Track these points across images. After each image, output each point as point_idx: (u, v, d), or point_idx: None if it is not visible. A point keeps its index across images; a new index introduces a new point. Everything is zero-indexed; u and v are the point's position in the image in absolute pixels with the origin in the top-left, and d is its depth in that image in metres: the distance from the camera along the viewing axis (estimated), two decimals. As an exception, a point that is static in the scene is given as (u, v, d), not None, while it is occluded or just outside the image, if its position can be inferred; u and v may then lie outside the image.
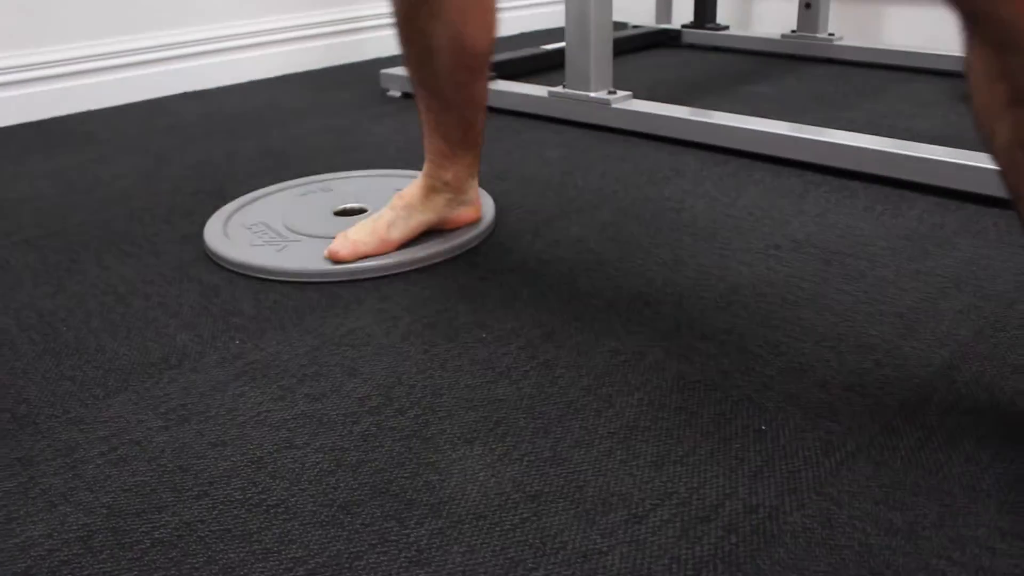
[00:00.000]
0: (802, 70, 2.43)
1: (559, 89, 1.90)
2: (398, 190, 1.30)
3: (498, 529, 0.70)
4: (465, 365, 0.94)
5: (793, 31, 2.63)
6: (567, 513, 0.72)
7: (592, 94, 1.85)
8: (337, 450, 0.81)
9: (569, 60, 1.88)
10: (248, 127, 1.95)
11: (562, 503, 0.73)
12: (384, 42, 2.67)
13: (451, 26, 1.06)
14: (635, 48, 2.74)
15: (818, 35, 2.59)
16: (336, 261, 1.17)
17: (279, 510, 0.73)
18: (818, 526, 0.71)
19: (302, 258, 1.20)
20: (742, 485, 0.75)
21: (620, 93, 1.86)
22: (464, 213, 1.28)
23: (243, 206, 1.40)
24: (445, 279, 1.19)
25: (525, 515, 0.72)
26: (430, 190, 1.22)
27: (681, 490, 0.75)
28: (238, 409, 0.88)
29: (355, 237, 1.18)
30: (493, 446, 0.81)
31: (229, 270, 1.21)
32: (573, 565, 0.67)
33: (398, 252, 1.21)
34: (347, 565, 0.67)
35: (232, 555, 0.68)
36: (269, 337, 1.00)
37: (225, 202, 1.45)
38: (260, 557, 0.68)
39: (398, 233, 1.21)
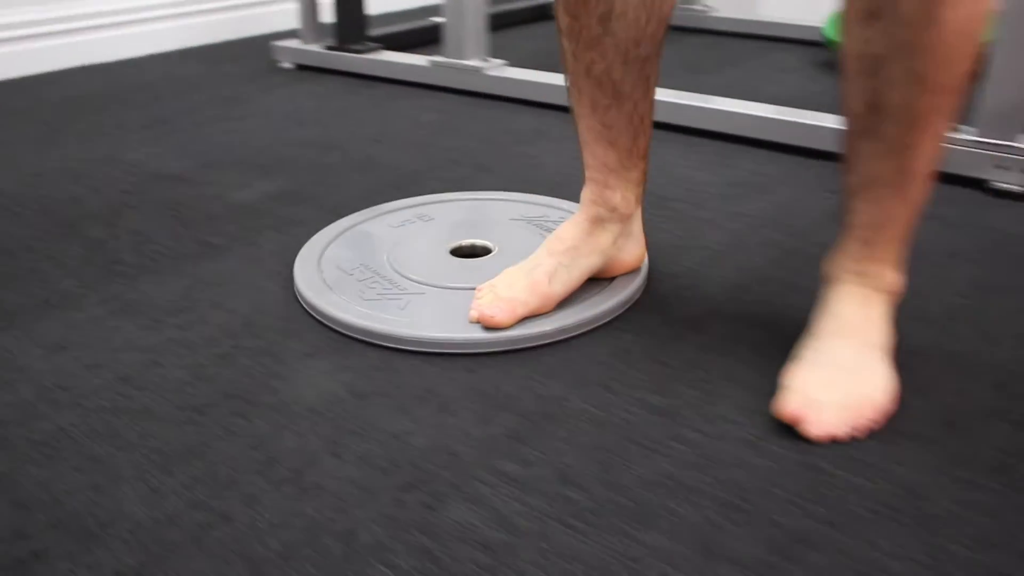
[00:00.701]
0: (679, 40, 2.60)
1: (439, 58, 2.02)
2: (519, 219, 1.23)
3: (327, 420, 0.84)
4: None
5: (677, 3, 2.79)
6: (386, 406, 0.86)
7: (468, 62, 1.98)
8: (197, 367, 0.94)
9: (447, 31, 2.00)
10: (140, 98, 2.04)
11: (383, 400, 0.87)
12: (277, 16, 2.76)
13: None
14: (523, 20, 2.87)
15: (695, 6, 2.76)
16: (490, 327, 0.96)
17: (142, 414, 0.86)
18: (594, 409, 0.86)
19: (435, 319, 0.99)
20: (538, 382, 0.90)
21: (494, 61, 1.99)
22: (630, 253, 1.06)
23: (334, 238, 1.20)
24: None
25: (351, 409, 0.86)
26: (595, 223, 1.01)
27: (487, 387, 0.89)
28: (112, 339, 1.00)
29: (509, 294, 0.97)
30: (331, 358, 0.94)
31: (338, 332, 1.03)
32: (386, 443, 0.81)
33: (559, 312, 1.01)
34: (197, 452, 0.80)
35: (99, 449, 0.81)
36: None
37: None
38: (123, 449, 0.81)
39: (561, 286, 1.00)
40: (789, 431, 0.83)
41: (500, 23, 2.60)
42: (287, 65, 2.27)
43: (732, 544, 0.69)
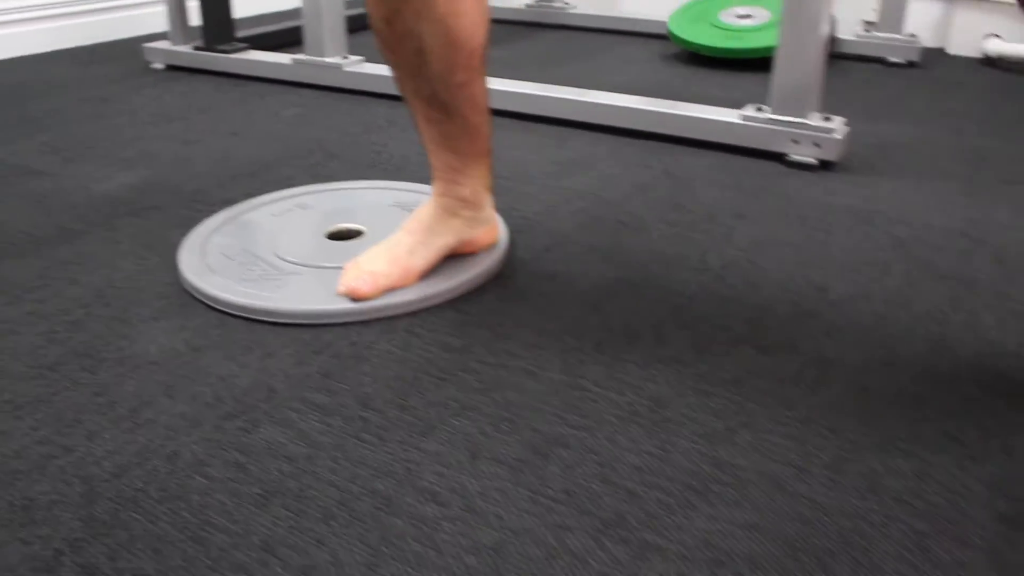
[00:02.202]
0: (537, 35, 2.77)
1: (301, 56, 2.15)
2: (398, 205, 1.35)
3: (165, 369, 0.97)
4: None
5: (538, 0, 2.97)
6: (218, 356, 0.99)
7: (327, 59, 2.10)
8: (50, 332, 1.06)
9: (307, 29, 2.12)
10: (10, 99, 2.12)
11: (216, 351, 1.01)
12: (149, 18, 2.84)
13: (440, 23, 0.93)
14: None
15: (554, 3, 2.93)
16: (356, 298, 1.06)
17: (-2, 373, 0.97)
18: (397, 349, 1.01)
19: (314, 294, 1.09)
20: (353, 330, 1.04)
21: (352, 58, 2.13)
22: (484, 234, 1.17)
23: (216, 229, 1.28)
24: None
25: (187, 360, 0.99)
26: (447, 211, 1.11)
27: (308, 338, 1.03)
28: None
29: (373, 268, 1.07)
30: (175, 321, 1.08)
31: (219, 311, 1.11)
32: (214, 385, 0.94)
33: (422, 284, 1.11)
34: (46, 400, 0.92)
35: (-43, 404, 0.92)
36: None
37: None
38: (-22, 402, 0.93)
39: (421, 260, 1.09)
40: (566, 362, 0.99)
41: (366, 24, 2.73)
42: (158, 66, 2.37)
43: (497, 448, 0.84)
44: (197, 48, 2.27)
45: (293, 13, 3.01)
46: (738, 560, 0.70)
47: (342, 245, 1.21)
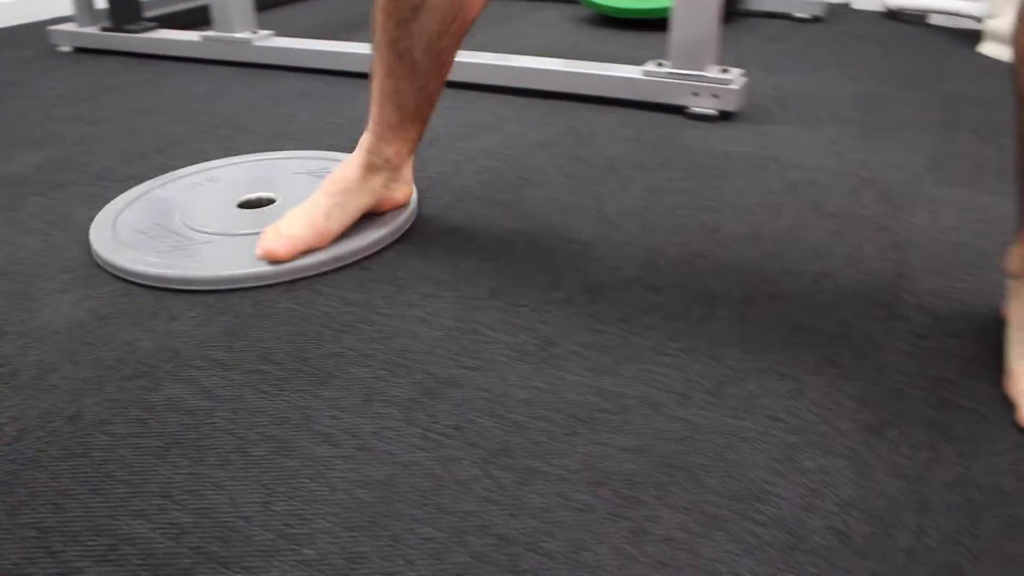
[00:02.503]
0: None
1: (209, 33, 2.15)
2: (308, 173, 1.35)
3: (69, 338, 0.99)
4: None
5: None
6: (123, 323, 1.01)
7: (237, 35, 2.11)
8: None
9: (214, 6, 2.12)
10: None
11: (122, 319, 1.03)
12: (54, 2, 2.80)
13: None
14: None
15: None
16: (273, 260, 1.07)
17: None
18: (300, 307, 1.04)
19: (226, 261, 1.09)
20: (257, 292, 1.07)
21: (262, 32, 2.13)
22: (398, 193, 1.19)
23: (124, 208, 1.28)
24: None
25: (92, 329, 1.01)
26: (368, 169, 1.13)
27: (213, 301, 1.06)
28: None
29: (290, 231, 1.08)
30: (80, 292, 1.09)
31: (131, 282, 1.12)
32: (117, 349, 0.96)
33: (338, 243, 1.13)
34: None
35: None
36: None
37: None
38: None
39: (336, 223, 1.11)
40: (462, 309, 1.03)
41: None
42: (66, 49, 2.35)
43: (390, 391, 0.87)
44: (104, 29, 2.25)
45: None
46: (616, 479, 0.74)
47: (254, 213, 1.22)
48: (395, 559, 0.66)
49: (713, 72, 1.62)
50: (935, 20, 2.54)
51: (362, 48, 1.99)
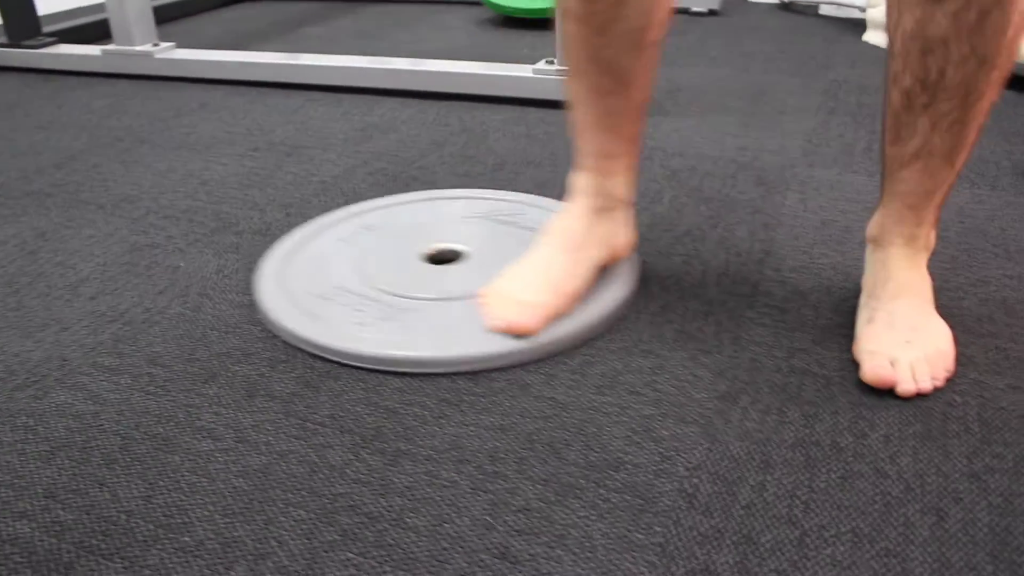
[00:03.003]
0: (353, 10, 2.83)
1: (109, 47, 2.16)
2: (471, 217, 1.21)
3: None
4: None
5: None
6: (14, 335, 1.03)
7: (137, 48, 2.12)
8: None
9: (112, 19, 2.12)
10: None
11: (12, 332, 1.04)
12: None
13: None
14: (222, 4, 3.03)
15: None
16: (518, 334, 0.93)
17: None
18: (189, 311, 1.07)
19: (458, 334, 0.95)
20: (148, 299, 1.10)
21: (164, 45, 2.15)
22: (626, 240, 1.04)
23: (282, 267, 1.13)
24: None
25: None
26: (597, 215, 0.99)
27: (103, 309, 1.09)
28: None
29: (531, 298, 0.94)
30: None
31: (349, 365, 0.97)
32: (7, 361, 0.99)
33: (582, 308, 0.98)
34: None
35: None
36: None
37: None
38: None
39: (581, 282, 0.98)
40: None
41: (190, 10, 2.77)
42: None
43: (272, 386, 0.92)
44: (1, 45, 2.24)
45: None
46: (480, 456, 0.80)
47: (446, 270, 1.07)
48: (268, 540, 0.71)
49: (600, 68, 1.68)
50: (825, 11, 2.64)
51: (263, 57, 2.02)
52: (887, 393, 0.86)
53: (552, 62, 1.71)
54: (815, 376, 0.88)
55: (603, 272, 1.03)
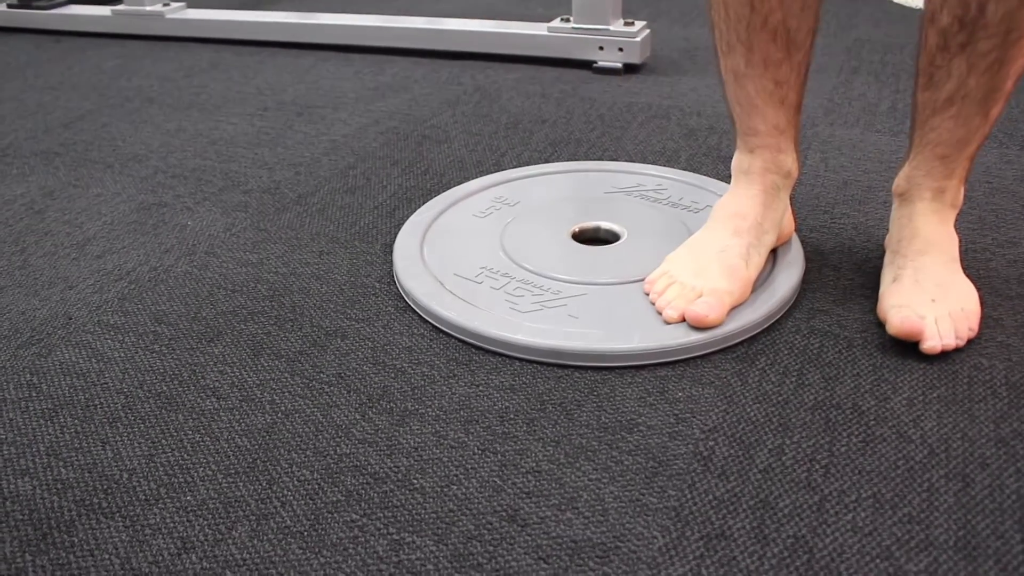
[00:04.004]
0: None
1: (120, 7, 2.13)
2: (615, 192, 1.11)
3: None
4: None
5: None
6: (20, 294, 1.02)
7: (148, 8, 2.09)
8: None
9: (124, -21, 2.09)
10: None
11: (19, 290, 1.02)
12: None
13: None
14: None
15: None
16: (702, 327, 0.86)
17: None
18: (196, 270, 1.05)
19: (630, 325, 0.87)
20: (154, 257, 1.08)
21: (174, 4, 2.12)
22: (789, 221, 0.99)
23: (421, 245, 1.05)
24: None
25: None
26: (771, 194, 0.93)
27: (110, 268, 1.07)
28: None
29: (711, 285, 0.88)
30: None
31: (520, 358, 0.88)
32: (13, 319, 0.97)
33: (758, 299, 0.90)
34: None
35: None
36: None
37: None
38: None
39: (755, 269, 0.92)
40: (353, 264, 1.05)
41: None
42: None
43: (278, 345, 0.90)
44: (10, 6, 2.22)
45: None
46: (490, 416, 0.78)
47: (601, 252, 1.00)
48: (271, 500, 0.69)
49: (617, 26, 1.65)
50: (847, -32, 2.57)
51: (274, 17, 1.99)
52: (910, 355, 0.83)
53: (568, 19, 1.67)
54: (836, 338, 0.85)
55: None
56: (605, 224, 1.06)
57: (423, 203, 1.14)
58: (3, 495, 0.70)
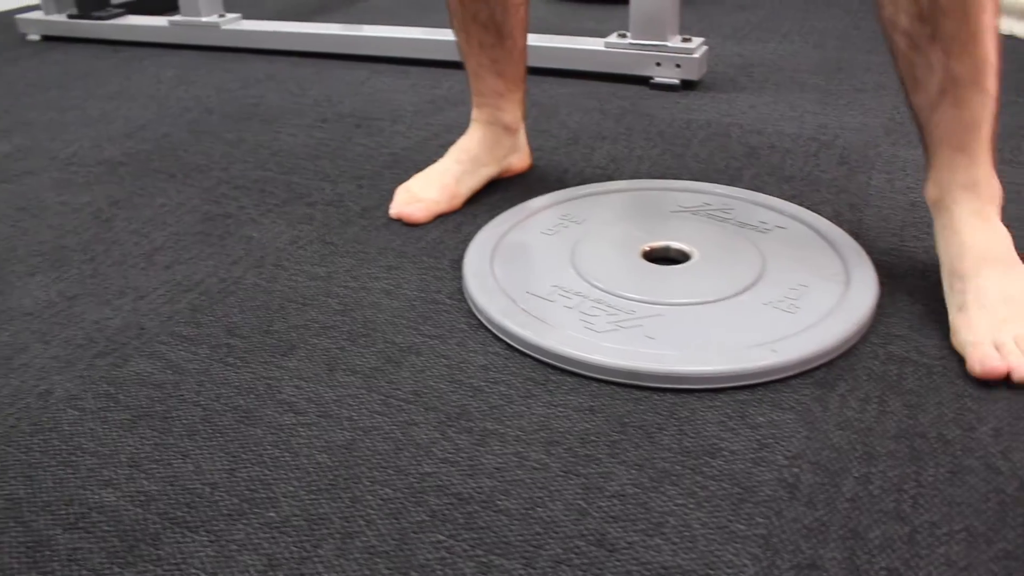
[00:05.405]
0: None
1: (177, 18, 2.15)
2: (683, 211, 1.14)
3: (39, 320, 1.01)
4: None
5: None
6: (92, 303, 1.03)
7: (204, 19, 2.11)
8: None
9: (180, -11, 2.11)
10: None
11: (91, 299, 1.04)
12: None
13: None
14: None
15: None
16: (410, 222, 1.15)
17: None
18: (265, 282, 1.06)
19: (715, 348, 0.88)
20: (223, 268, 1.09)
21: (230, 16, 2.13)
22: (518, 161, 1.28)
23: (490, 263, 1.05)
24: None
25: (61, 309, 1.03)
26: (492, 138, 1.21)
27: (179, 278, 1.07)
28: None
29: (425, 195, 1.16)
30: (49, 275, 1.11)
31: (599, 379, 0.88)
32: (87, 328, 0.98)
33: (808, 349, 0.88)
34: None
35: None
36: None
37: None
38: None
39: (466, 189, 1.19)
40: (423, 280, 1.05)
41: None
42: (33, 37, 2.35)
43: (352, 360, 0.89)
44: (71, 17, 2.24)
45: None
46: (571, 438, 0.77)
47: (671, 272, 1.00)
48: (355, 519, 0.68)
49: (675, 42, 1.64)
50: (900, -14, 2.55)
51: (327, 28, 2.00)
52: (995, 383, 0.81)
53: (624, 35, 1.67)
54: (915, 364, 0.84)
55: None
56: (675, 244, 1.05)
57: (488, 219, 1.13)
58: (88, 505, 0.70)
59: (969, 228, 0.88)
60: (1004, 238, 0.88)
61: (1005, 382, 0.81)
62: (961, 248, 0.89)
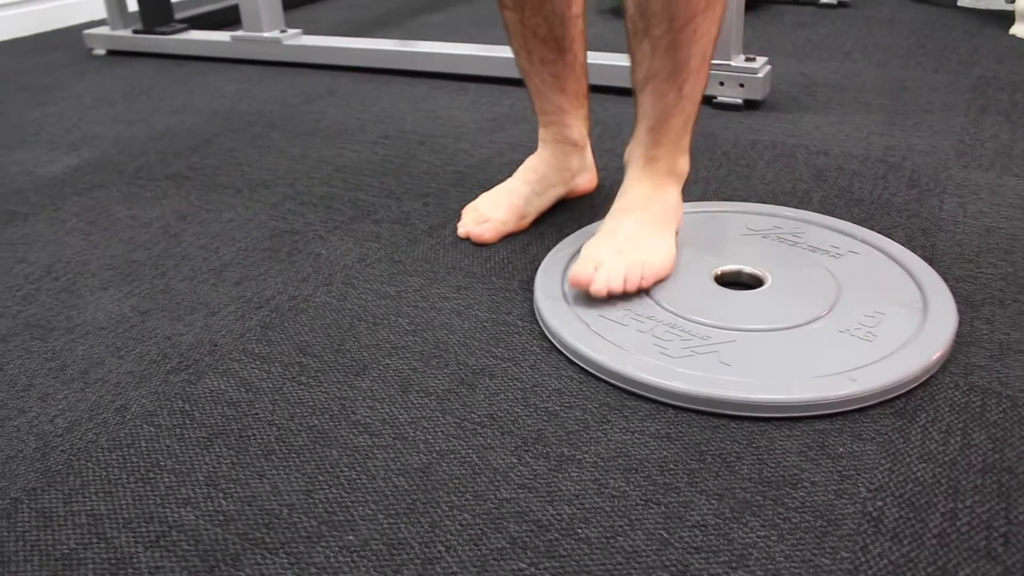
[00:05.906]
0: (474, 1, 2.81)
1: (239, 33, 2.18)
2: (751, 234, 1.13)
3: (114, 333, 1.02)
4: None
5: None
6: (164, 318, 1.04)
7: (266, 34, 2.13)
8: (1, 308, 1.10)
9: (242, 5, 2.14)
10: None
11: (163, 314, 1.05)
12: (87, 7, 2.85)
13: None
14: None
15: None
16: (478, 242, 1.16)
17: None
18: (335, 300, 1.06)
19: (793, 376, 0.86)
20: (292, 286, 1.10)
21: (291, 31, 2.16)
22: (586, 181, 1.27)
23: (560, 286, 1.04)
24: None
25: (135, 323, 1.04)
26: (560, 157, 1.21)
27: (249, 295, 1.08)
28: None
29: (493, 215, 1.17)
30: (122, 289, 1.12)
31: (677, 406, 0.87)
32: (160, 343, 0.99)
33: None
34: (0, 368, 0.97)
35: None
36: None
37: None
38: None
39: (534, 209, 1.20)
40: (493, 300, 1.05)
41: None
42: (99, 52, 2.38)
43: (426, 381, 0.89)
44: (136, 32, 2.28)
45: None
46: (649, 465, 0.76)
47: (745, 296, 0.99)
48: (435, 544, 0.68)
49: (738, 61, 1.63)
50: (965, 2, 2.53)
51: (388, 44, 2.01)
52: (1084, 417, 0.79)
53: (689, 54, 1.64)
54: (998, 396, 0.82)
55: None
56: (747, 268, 1.04)
57: (555, 239, 1.13)
58: (168, 524, 0.70)
59: (634, 185, 1.04)
60: (665, 204, 1.04)
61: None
62: (622, 196, 1.05)
